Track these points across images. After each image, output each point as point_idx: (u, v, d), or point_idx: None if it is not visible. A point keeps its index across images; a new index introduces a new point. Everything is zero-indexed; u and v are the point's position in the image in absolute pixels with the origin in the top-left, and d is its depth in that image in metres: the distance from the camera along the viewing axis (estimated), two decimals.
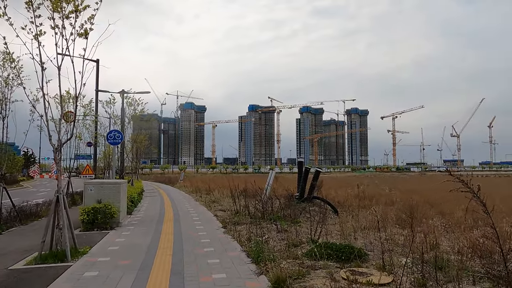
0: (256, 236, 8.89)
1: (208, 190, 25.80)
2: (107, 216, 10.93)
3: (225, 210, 15.41)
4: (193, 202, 20.22)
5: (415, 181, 45.83)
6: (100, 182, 11.66)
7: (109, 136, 14.08)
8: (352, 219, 12.02)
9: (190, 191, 29.29)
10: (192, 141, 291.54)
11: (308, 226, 10.65)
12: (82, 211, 10.88)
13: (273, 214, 12.06)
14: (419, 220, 11.84)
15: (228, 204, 17.99)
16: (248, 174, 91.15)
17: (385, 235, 9.49)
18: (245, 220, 11.85)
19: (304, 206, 13.29)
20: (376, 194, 20.71)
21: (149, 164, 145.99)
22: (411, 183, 38.00)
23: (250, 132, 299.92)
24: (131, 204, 15.60)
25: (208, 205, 17.60)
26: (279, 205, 12.89)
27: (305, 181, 13.69)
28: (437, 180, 48.48)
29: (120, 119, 17.12)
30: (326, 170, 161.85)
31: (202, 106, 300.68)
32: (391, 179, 53.63)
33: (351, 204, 15.67)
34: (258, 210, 12.74)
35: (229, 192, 24.05)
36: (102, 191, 11.53)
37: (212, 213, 14.44)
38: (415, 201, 17.75)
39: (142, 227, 11.22)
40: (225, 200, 20.23)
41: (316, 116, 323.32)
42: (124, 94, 17.30)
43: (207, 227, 11.12)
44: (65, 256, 7.18)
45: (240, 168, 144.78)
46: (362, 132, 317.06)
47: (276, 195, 13.58)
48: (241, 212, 13.50)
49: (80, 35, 7.97)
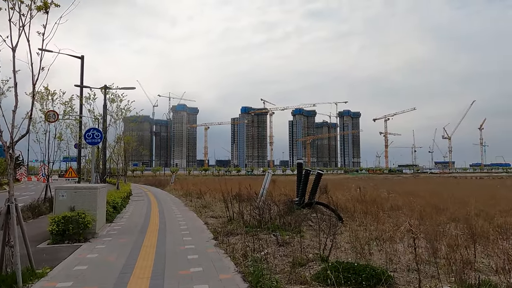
0: (253, 251, 7.50)
1: (199, 194, 24.35)
2: (80, 226, 9.45)
3: (217, 216, 13.99)
4: (182, 207, 18.76)
5: (410, 183, 44.77)
6: (74, 187, 10.19)
7: (86, 135, 12.60)
8: (361, 227, 10.69)
9: (180, 195, 27.77)
10: (184, 143, 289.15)
11: (313, 237, 9.29)
12: (52, 221, 9.39)
13: (271, 222, 10.68)
14: (434, 227, 10.55)
15: (220, 209, 16.58)
16: (241, 177, 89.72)
17: (402, 247, 8.17)
18: (240, 229, 10.45)
19: (305, 213, 11.93)
20: (376, 197, 19.45)
21: (141, 167, 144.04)
22: (407, 185, 36.88)
23: (243, 134, 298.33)
24: (112, 211, 14.11)
25: (199, 211, 16.17)
26: (277, 211, 11.50)
27: (306, 184, 12.36)
28: (433, 182, 47.60)
29: (102, 117, 15.64)
30: None
31: (195, 108, 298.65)
32: (386, 181, 52.57)
33: (354, 209, 14.36)
34: (254, 217, 11.35)
35: (222, 196, 22.71)
36: (75, 197, 10.05)
37: (202, 221, 13.02)
38: (421, 205, 16.57)
39: (121, 239, 9.76)
40: (217, 205, 18.80)
41: (308, 118, 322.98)
42: (107, 90, 15.83)
43: (196, 238, 9.69)
44: (15, 282, 5.72)
45: (233, 170, 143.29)
46: (354, 134, 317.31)
47: (274, 200, 12.19)
48: (235, 219, 12.10)
49: (39, 9, 6.52)
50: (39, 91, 16.77)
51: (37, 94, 16.77)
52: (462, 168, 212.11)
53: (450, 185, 38.07)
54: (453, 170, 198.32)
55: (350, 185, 32.43)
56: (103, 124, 15.36)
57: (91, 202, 10.14)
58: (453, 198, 20.24)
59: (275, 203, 11.88)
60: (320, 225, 10.47)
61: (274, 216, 11.21)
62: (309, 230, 10.43)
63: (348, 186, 33.59)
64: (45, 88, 16.64)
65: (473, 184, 44.80)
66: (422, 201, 18.07)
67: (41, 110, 16.94)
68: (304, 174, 12.55)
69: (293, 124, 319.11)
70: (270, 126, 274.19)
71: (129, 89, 16.90)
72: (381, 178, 71.53)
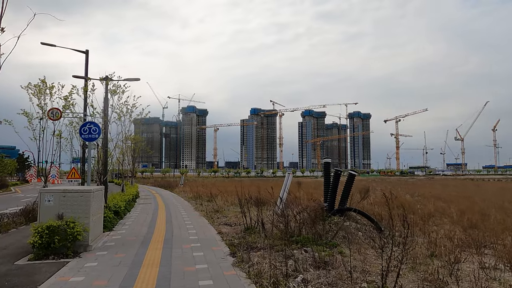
0: (286, 276, 5.71)
1: (210, 197, 22.65)
2: (68, 238, 7.77)
3: (232, 224, 12.23)
4: (192, 211, 17.05)
5: (428, 185, 42.53)
6: (62, 190, 8.51)
7: (82, 130, 10.94)
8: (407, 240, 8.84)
9: (190, 198, 26.12)
10: (193, 145, 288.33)
11: (355, 253, 7.47)
12: (34, 231, 7.72)
13: (299, 232, 8.88)
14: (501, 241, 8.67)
15: (234, 215, 14.83)
16: (251, 178, 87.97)
17: (476, 269, 6.31)
18: (261, 241, 8.68)
19: (336, 221, 10.11)
20: (403, 202, 17.50)
21: (150, 168, 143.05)
22: (427, 188, 34.75)
23: (252, 136, 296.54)
24: (113, 217, 12.44)
25: (210, 217, 14.43)
26: (304, 219, 9.68)
27: (335, 187, 10.55)
28: (451, 185, 45.26)
29: (103, 111, 13.98)
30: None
31: (204, 109, 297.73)
32: (401, 183, 50.22)
33: (387, 216, 12.48)
34: (277, 226, 9.57)
35: (235, 199, 20.95)
36: (65, 202, 8.36)
37: (215, 229, 11.26)
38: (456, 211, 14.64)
39: (118, 253, 8.04)
40: (230, 209, 17.07)
41: (318, 119, 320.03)
42: (108, 81, 14.18)
43: (209, 253, 7.92)
44: None
45: (243, 172, 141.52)
46: (364, 136, 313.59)
47: (300, 206, 10.36)
48: (253, 228, 10.32)
49: None
50: (36, 84, 15.21)
51: (34, 87, 15.28)
52: (475, 170, 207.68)
53: (472, 188, 35.89)
54: (466, 172, 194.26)
55: (366, 187, 30.51)
56: (104, 118, 13.69)
57: (84, 208, 8.44)
58: (487, 202, 18.26)
59: (302, 208, 10.06)
60: (355, 237, 8.68)
61: (301, 224, 9.41)
62: (344, 242, 8.62)
63: (363, 188, 31.66)
64: (41, 81, 15.04)
65: (494, 186, 42.41)
66: (455, 206, 16.14)
67: (39, 105, 15.34)
68: (334, 175, 10.72)
69: (303, 126, 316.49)
70: (279, 128, 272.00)
71: (133, 80, 15.25)
72: (395, 180, 69.08)
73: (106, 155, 14.37)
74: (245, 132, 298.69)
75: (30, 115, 15.32)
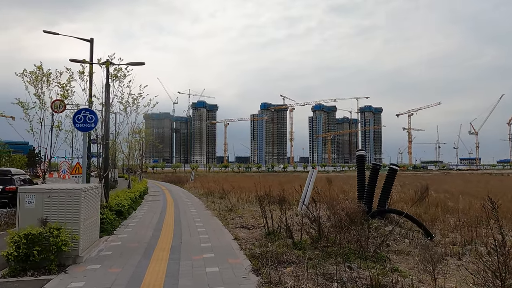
0: None
1: (222, 193, 21.13)
2: (51, 249, 6.26)
3: (249, 226, 10.63)
4: (203, 210, 15.52)
5: (447, 180, 40.39)
6: (47, 189, 7.01)
7: (76, 118, 9.42)
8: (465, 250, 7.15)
9: (201, 194, 24.65)
10: (204, 140, 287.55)
11: (413, 270, 5.82)
12: (10, 241, 6.23)
13: (336, 239, 7.25)
14: None
15: (250, 214, 13.26)
16: (261, 173, 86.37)
17: None
18: (288, 251, 7.06)
19: (376, 225, 8.45)
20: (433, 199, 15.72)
21: (161, 163, 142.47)
22: (447, 184, 32.70)
23: (262, 131, 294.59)
24: (114, 218, 10.95)
25: (224, 217, 12.87)
26: (337, 222, 8.04)
27: (373, 184, 8.92)
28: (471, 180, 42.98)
29: (104, 100, 12.45)
30: (341, 169, 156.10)
31: (214, 104, 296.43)
32: (417, 178, 47.98)
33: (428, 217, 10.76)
34: (308, 232, 7.94)
35: (249, 196, 19.39)
36: (49, 204, 6.85)
37: (230, 233, 9.68)
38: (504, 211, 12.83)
39: (113, 267, 6.51)
40: (245, 207, 15.50)
41: (329, 114, 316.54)
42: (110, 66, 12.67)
43: (225, 269, 6.33)
44: None
45: (253, 167, 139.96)
46: (376, 130, 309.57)
47: (332, 206, 8.70)
48: (277, 233, 8.71)
49: None
50: (32, 71, 13.71)
51: (30, 74, 13.80)
52: (490, 165, 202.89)
53: (496, 183, 33.78)
54: (481, 166, 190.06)
55: (423, 185, 28.58)
56: (105, 107, 12.19)
57: (73, 211, 6.92)
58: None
59: (334, 210, 8.41)
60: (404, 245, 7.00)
61: (337, 229, 7.77)
62: (392, 253, 6.97)
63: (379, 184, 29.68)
64: (37, 67, 13.53)
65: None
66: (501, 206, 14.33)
67: (36, 95, 13.87)
68: (371, 171, 9.07)
69: (313, 120, 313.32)
70: (290, 122, 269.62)
71: (137, 64, 13.71)
72: (410, 175, 66.75)
73: (107, 148, 12.89)
74: (255, 127, 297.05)
75: (25, 105, 13.86)
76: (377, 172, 9.08)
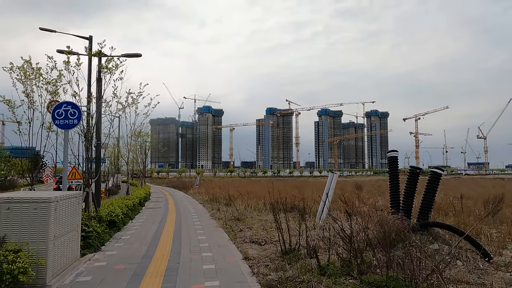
0: None
1: (228, 199, 19.57)
2: (4, 280, 4.76)
3: (260, 241, 9.05)
4: (207, 219, 13.99)
5: (460, 186, 38.52)
6: (5, 198, 5.53)
7: (56, 114, 7.94)
8: None
9: (205, 200, 23.14)
10: (209, 145, 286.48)
11: None
12: None
13: (374, 262, 5.68)
14: None
15: (260, 224, 11.70)
16: (267, 178, 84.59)
17: None
18: (313, 278, 5.50)
19: (419, 242, 6.85)
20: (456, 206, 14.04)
21: (167, 168, 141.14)
22: (465, 189, 30.90)
23: (268, 136, 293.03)
24: (104, 231, 9.44)
25: (230, 228, 11.32)
26: (377, 239, 6.46)
27: (412, 192, 7.36)
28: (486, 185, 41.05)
29: (96, 97, 11.00)
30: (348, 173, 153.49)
31: (220, 109, 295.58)
32: None
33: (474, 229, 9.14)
34: (340, 255, 6.36)
35: (257, 202, 17.84)
36: (9, 218, 5.37)
37: (239, 250, 8.12)
38: None
39: None
40: (253, 216, 13.94)
41: (334, 118, 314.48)
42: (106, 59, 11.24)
43: None
44: None
45: (259, 172, 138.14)
46: (382, 135, 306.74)
47: (362, 217, 7.12)
48: (296, 251, 7.15)
49: None
50: (20, 66, 12.27)
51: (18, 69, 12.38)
52: (499, 169, 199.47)
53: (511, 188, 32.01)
54: (490, 171, 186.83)
55: (497, 195, 26.68)
56: (96, 104, 10.74)
57: (39, 226, 5.43)
58: None
59: (364, 223, 6.83)
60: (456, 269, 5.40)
61: (373, 248, 6.19)
62: (445, 281, 5.39)
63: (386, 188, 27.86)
64: (26, 61, 12.09)
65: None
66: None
67: (24, 92, 12.44)
68: (409, 175, 7.50)
69: (319, 125, 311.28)
70: (296, 127, 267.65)
71: (133, 56, 12.27)
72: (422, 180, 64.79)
73: (99, 149, 11.43)
74: (261, 131, 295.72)
75: (11, 103, 12.42)
76: (417, 177, 7.53)
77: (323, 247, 7.36)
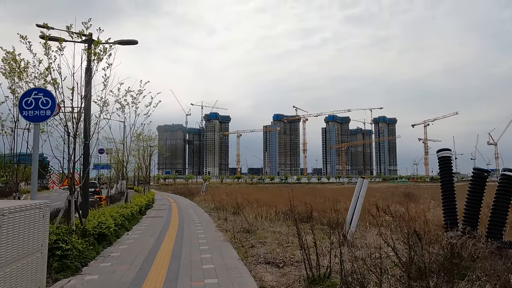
0: None
1: (236, 208, 17.91)
2: None
3: (278, 262, 7.34)
4: (213, 231, 12.34)
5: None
6: None
7: (24, 103, 6.37)
8: None
9: (212, 208, 21.55)
10: (216, 151, 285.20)
11: None
12: None
13: None
14: None
15: (274, 238, 10.02)
16: (275, 185, 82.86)
17: None
18: None
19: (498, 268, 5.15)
20: None
21: (173, 174, 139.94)
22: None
23: (275, 142, 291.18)
24: (88, 248, 7.81)
25: (240, 243, 9.64)
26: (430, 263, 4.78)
27: (479, 202, 5.67)
28: None
29: (84, 87, 9.47)
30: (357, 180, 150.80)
31: (227, 116, 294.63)
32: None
33: None
34: (391, 282, 4.69)
35: (268, 211, 16.19)
36: None
37: (251, 275, 6.42)
38: None
39: None
40: (265, 227, 12.24)
41: (342, 125, 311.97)
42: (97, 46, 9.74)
43: None
44: None
45: (267, 178, 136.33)
46: (390, 141, 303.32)
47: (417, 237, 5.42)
48: (326, 278, 5.47)
49: None
50: (3, 58, 10.75)
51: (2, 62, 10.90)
52: None
53: None
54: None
55: (411, 196, 25.08)
56: (85, 96, 9.19)
57: None
58: None
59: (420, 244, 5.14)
60: None
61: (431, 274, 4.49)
62: None
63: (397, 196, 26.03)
64: (8, 52, 10.54)
65: None
66: None
67: (10, 89, 10.94)
68: (472, 180, 5.82)
69: (326, 131, 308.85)
70: (303, 133, 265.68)
71: (130, 43, 10.74)
72: (433, 186, 62.69)
73: (88, 149, 9.88)
74: (268, 138, 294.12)
75: None
76: (485, 182, 5.83)
77: (363, 272, 5.66)
